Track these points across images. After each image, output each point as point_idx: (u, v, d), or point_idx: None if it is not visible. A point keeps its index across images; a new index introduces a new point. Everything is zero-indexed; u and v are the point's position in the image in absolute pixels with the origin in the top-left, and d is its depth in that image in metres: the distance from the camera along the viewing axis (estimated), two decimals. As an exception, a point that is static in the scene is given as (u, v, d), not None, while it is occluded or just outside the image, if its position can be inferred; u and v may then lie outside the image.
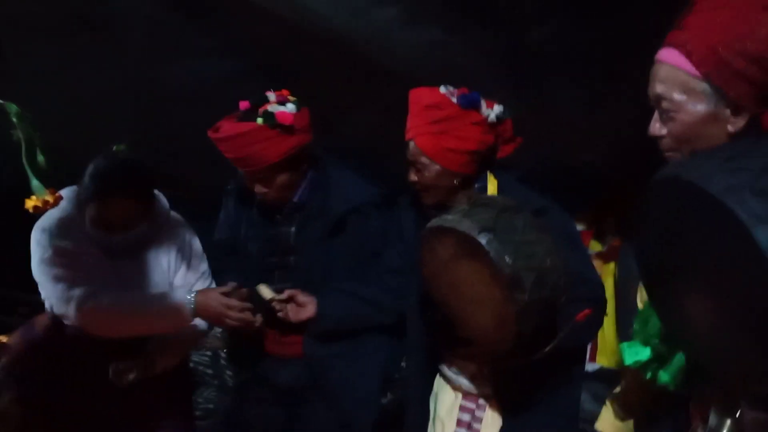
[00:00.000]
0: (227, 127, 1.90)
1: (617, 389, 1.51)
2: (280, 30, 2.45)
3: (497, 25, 2.17)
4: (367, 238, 2.00)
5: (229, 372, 3.07)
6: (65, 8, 2.47)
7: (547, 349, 1.44)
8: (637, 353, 1.22)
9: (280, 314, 1.91)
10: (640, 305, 1.34)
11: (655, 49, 1.09)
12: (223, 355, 3.37)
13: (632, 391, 1.45)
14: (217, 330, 3.45)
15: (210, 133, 1.92)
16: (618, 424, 1.46)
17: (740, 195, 0.84)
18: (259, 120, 1.86)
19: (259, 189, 1.93)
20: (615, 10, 2.05)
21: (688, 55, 1.03)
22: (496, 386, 1.71)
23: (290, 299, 1.92)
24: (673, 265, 1.00)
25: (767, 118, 1.00)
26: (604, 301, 1.65)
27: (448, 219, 1.43)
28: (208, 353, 3.45)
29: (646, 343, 1.22)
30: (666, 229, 1.00)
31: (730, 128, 1.04)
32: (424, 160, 1.71)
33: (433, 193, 1.75)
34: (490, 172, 1.77)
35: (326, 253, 1.99)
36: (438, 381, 1.85)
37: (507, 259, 1.32)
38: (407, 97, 2.59)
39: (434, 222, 1.47)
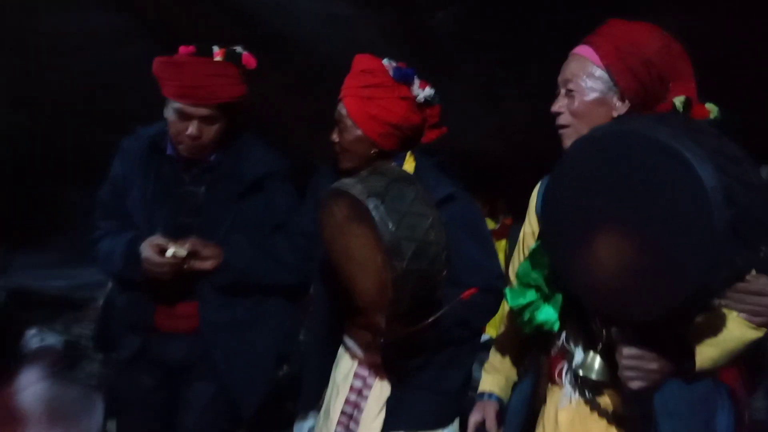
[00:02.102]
0: (187, 56, 1.79)
1: (492, 351, 1.64)
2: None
3: (402, 5, 2.17)
4: (276, 207, 1.93)
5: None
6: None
7: (427, 322, 1.47)
8: (521, 296, 1.39)
9: (185, 266, 1.81)
10: (520, 258, 1.49)
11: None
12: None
13: (505, 348, 1.60)
14: (99, 302, 3.27)
15: (163, 59, 1.78)
16: (498, 381, 1.60)
17: (684, 141, 1.04)
18: (219, 59, 1.77)
19: (192, 131, 1.78)
20: (514, 2, 2.11)
21: (596, 50, 1.34)
22: (385, 357, 1.69)
23: (193, 254, 1.83)
24: (588, 208, 1.18)
25: (696, 111, 1.26)
26: (500, 291, 1.60)
27: (345, 183, 1.46)
28: (91, 326, 3.26)
29: (526, 288, 1.37)
30: (590, 180, 1.17)
31: (614, 113, 1.32)
32: (347, 121, 1.67)
33: (349, 158, 1.69)
34: (411, 152, 1.78)
35: (233, 216, 1.88)
36: (341, 349, 1.88)
37: (390, 225, 1.37)
38: (309, 70, 2.54)
39: (333, 185, 1.50)
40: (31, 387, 1.85)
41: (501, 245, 3.35)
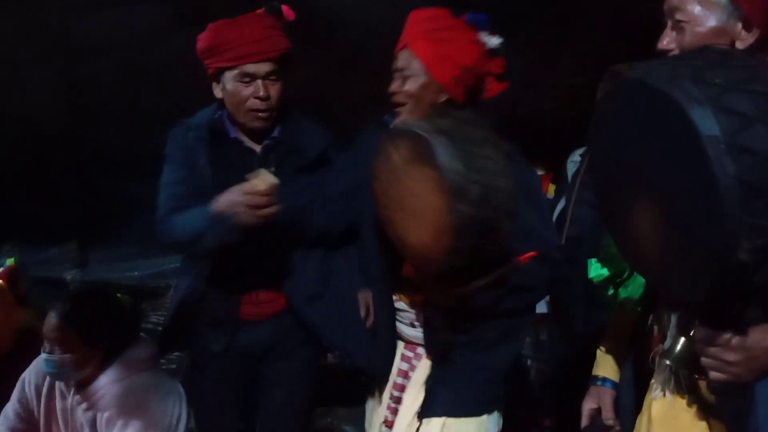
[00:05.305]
0: (241, 16, 1.80)
1: (607, 334, 1.49)
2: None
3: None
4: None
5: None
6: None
7: (480, 283, 1.37)
8: (600, 268, 1.27)
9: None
10: None
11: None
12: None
13: (621, 328, 1.45)
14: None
15: (220, 23, 1.78)
16: (613, 364, 1.44)
17: (681, 83, 0.85)
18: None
19: (259, 91, 1.76)
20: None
21: None
22: (427, 332, 1.61)
23: None
24: (622, 174, 1.01)
25: None
26: (556, 261, 1.53)
27: (408, 122, 1.39)
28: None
29: (608, 260, 1.26)
30: (615, 139, 1.00)
31: (739, 45, 1.06)
32: (415, 66, 1.54)
33: (410, 109, 1.55)
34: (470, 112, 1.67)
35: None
36: None
37: (456, 164, 1.25)
38: (355, 46, 2.48)
39: (393, 126, 1.43)
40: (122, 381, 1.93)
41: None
